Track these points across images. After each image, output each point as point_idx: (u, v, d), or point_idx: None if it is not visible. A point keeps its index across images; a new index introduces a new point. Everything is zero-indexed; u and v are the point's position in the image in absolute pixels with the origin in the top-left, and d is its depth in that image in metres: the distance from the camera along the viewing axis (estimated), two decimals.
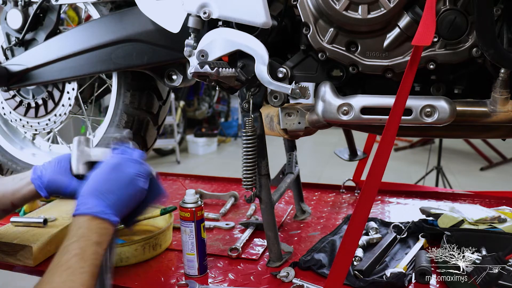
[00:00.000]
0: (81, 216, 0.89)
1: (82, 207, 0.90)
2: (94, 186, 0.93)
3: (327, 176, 4.93)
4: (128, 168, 0.97)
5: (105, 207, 0.91)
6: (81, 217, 0.89)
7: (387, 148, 0.94)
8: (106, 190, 0.93)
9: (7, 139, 1.67)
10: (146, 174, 0.99)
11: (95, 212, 0.89)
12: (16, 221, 1.38)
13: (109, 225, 0.90)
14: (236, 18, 1.09)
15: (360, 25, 1.03)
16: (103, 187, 0.93)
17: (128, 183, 0.95)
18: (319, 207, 1.71)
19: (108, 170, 0.96)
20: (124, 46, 1.33)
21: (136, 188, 0.97)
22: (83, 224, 0.88)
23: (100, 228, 0.89)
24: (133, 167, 0.97)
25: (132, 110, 1.45)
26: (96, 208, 0.90)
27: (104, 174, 0.95)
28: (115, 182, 0.94)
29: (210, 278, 1.19)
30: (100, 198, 0.91)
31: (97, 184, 0.93)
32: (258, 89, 1.18)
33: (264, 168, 1.21)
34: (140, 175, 0.97)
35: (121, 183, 0.95)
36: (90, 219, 0.89)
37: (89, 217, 0.89)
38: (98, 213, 0.89)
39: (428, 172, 4.14)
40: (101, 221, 0.89)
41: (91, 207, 0.90)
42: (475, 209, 1.45)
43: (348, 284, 1.11)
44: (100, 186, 0.93)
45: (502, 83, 1.02)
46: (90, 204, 0.90)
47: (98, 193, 0.92)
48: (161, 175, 2.13)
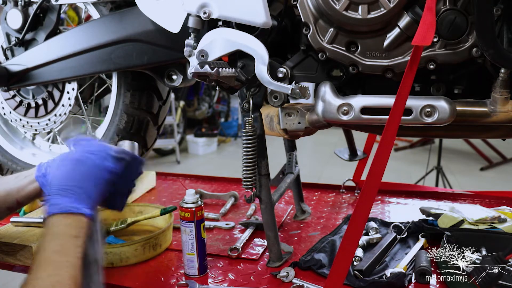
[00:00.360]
0: (53, 217, 0.89)
1: (52, 208, 0.90)
2: (58, 184, 0.93)
3: (327, 176, 4.93)
4: (88, 159, 0.96)
5: (74, 203, 0.90)
6: (53, 217, 0.89)
7: (387, 148, 0.94)
8: (72, 185, 0.92)
9: (7, 139, 1.67)
10: (107, 155, 0.99)
11: (66, 210, 0.89)
12: (16, 221, 1.38)
13: (83, 217, 0.90)
14: (236, 18, 1.09)
15: (360, 25, 1.03)
16: (68, 183, 0.92)
17: (91, 172, 0.95)
18: (319, 207, 1.71)
19: (69, 164, 0.95)
20: (124, 46, 1.33)
21: (103, 174, 0.96)
22: (58, 222, 0.88)
23: (75, 221, 0.89)
24: (93, 156, 0.97)
25: (132, 110, 1.45)
26: (66, 205, 0.90)
27: (66, 170, 0.94)
28: (78, 175, 0.94)
29: (210, 278, 1.19)
30: (67, 196, 0.91)
31: (61, 182, 0.93)
32: (258, 89, 1.18)
33: (264, 168, 1.21)
34: (103, 159, 0.97)
35: (84, 174, 0.94)
36: (64, 216, 0.89)
37: (61, 215, 0.89)
38: (70, 210, 0.89)
39: (428, 172, 4.14)
40: (74, 216, 0.89)
41: (62, 206, 0.90)
42: (475, 209, 1.45)
43: (348, 284, 1.11)
44: (65, 183, 0.92)
45: (502, 83, 1.02)
46: (59, 203, 0.90)
47: (64, 191, 0.91)
48: (161, 175, 2.14)
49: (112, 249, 1.24)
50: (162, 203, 1.76)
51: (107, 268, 1.23)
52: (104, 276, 0.96)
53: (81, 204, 0.91)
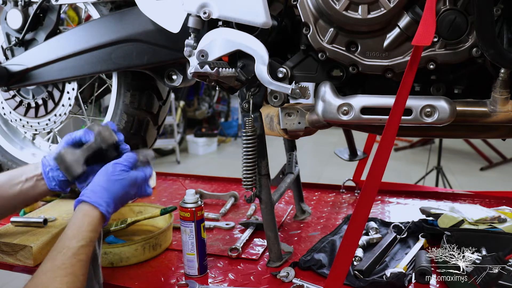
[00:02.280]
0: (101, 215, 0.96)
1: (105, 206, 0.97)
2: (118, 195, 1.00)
3: (327, 176, 4.93)
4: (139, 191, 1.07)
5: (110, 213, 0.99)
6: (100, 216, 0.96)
7: (387, 148, 0.94)
8: (120, 200, 1.01)
9: (7, 139, 1.67)
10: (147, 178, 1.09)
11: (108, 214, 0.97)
12: (16, 221, 1.38)
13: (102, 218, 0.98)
14: (236, 18, 1.09)
15: (360, 25, 1.03)
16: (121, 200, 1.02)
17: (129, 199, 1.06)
18: (319, 207, 1.71)
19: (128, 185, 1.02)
20: (124, 46, 1.33)
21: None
22: (99, 228, 0.95)
23: (98, 232, 0.97)
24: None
25: (132, 110, 1.44)
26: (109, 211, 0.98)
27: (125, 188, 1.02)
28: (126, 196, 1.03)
29: (210, 278, 1.19)
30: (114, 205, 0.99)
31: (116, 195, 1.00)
32: (258, 89, 1.18)
33: (264, 168, 1.21)
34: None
35: (128, 198, 1.05)
36: (100, 219, 0.95)
37: (100, 216, 0.96)
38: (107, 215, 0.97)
39: (428, 172, 4.14)
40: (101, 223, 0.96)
41: (110, 211, 0.98)
42: (475, 209, 1.45)
43: (348, 284, 1.11)
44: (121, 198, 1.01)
45: (502, 83, 1.02)
46: (111, 206, 0.98)
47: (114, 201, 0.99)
48: (161, 175, 2.14)
49: (112, 249, 1.24)
50: (162, 203, 1.76)
51: (107, 268, 1.23)
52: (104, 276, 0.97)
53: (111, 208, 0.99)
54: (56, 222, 1.40)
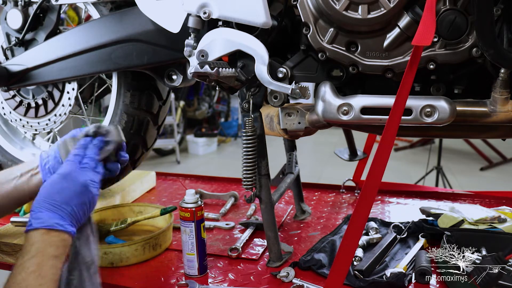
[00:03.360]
0: (35, 231, 0.87)
1: (35, 222, 0.87)
2: (46, 198, 0.90)
3: (327, 176, 4.93)
4: (80, 176, 0.95)
5: (59, 219, 0.89)
6: (35, 231, 0.87)
7: (387, 148, 0.94)
8: (59, 201, 0.90)
9: (7, 139, 1.67)
10: (96, 164, 0.98)
11: (49, 225, 0.87)
12: (16, 221, 1.38)
13: (66, 236, 0.88)
14: (236, 18, 1.09)
15: (360, 25, 1.03)
16: (55, 199, 0.90)
17: (80, 191, 0.93)
18: (319, 207, 1.71)
19: (59, 180, 0.93)
20: (124, 46, 1.33)
21: (90, 195, 0.95)
22: (38, 238, 0.86)
23: (56, 241, 0.87)
24: (84, 175, 0.95)
25: (132, 110, 1.45)
26: (51, 220, 0.88)
27: (56, 185, 0.92)
28: (67, 191, 0.92)
29: (210, 278, 1.19)
30: (53, 211, 0.89)
31: (49, 196, 0.91)
32: (258, 89, 1.18)
33: (264, 168, 1.21)
34: (93, 181, 0.96)
35: (73, 192, 0.92)
36: (45, 232, 0.87)
37: (43, 230, 0.87)
38: (53, 226, 0.87)
39: (428, 172, 4.14)
40: (57, 233, 0.87)
41: (45, 221, 0.87)
42: (475, 209, 1.45)
43: (348, 284, 1.11)
44: (52, 198, 0.90)
45: (502, 83, 1.02)
46: (43, 217, 0.88)
47: (51, 206, 0.89)
48: (161, 175, 2.14)
49: (112, 249, 1.24)
50: (162, 203, 1.76)
51: (107, 268, 1.23)
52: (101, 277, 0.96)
53: (66, 221, 0.89)
54: None
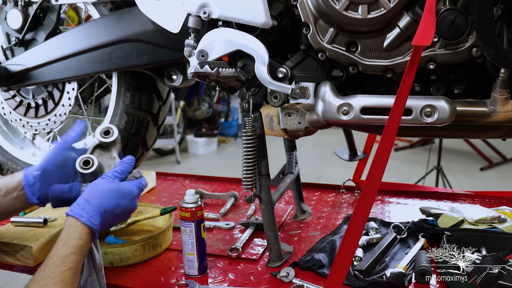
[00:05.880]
0: (83, 226, 0.94)
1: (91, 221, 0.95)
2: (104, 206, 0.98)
3: (327, 176, 4.93)
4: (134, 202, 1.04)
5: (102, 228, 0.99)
6: (83, 226, 0.94)
7: (387, 148, 0.94)
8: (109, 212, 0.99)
9: (7, 139, 1.67)
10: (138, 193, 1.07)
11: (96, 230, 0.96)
12: (16, 221, 1.38)
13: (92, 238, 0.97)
14: (236, 18, 1.09)
15: (360, 25, 1.03)
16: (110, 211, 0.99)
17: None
18: (319, 207, 1.71)
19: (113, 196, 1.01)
20: (124, 46, 1.33)
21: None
22: (84, 237, 0.94)
23: (88, 243, 0.96)
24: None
25: (132, 110, 1.44)
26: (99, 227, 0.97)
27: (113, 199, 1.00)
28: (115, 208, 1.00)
29: (210, 278, 1.19)
30: (105, 221, 0.98)
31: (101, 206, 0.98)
32: (258, 89, 1.18)
33: (264, 168, 1.21)
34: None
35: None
36: (88, 232, 0.95)
37: (88, 230, 0.95)
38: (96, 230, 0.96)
39: (428, 172, 4.14)
40: (92, 238, 0.97)
41: (97, 226, 0.96)
42: (475, 209, 1.45)
43: (348, 284, 1.11)
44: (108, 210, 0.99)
45: (502, 83, 1.02)
46: (97, 222, 0.96)
47: (100, 212, 0.97)
48: (161, 175, 2.14)
49: (112, 249, 1.24)
50: (162, 203, 1.76)
51: (107, 268, 1.23)
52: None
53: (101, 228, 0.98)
54: (56, 222, 1.40)
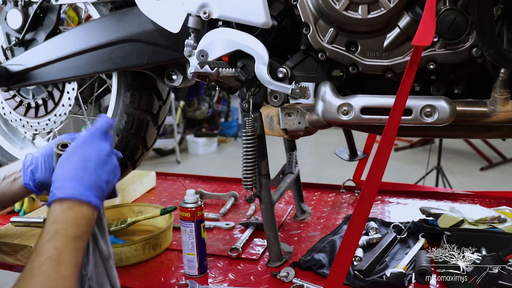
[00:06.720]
0: (57, 205, 0.77)
1: (57, 192, 0.78)
2: (67, 168, 0.81)
3: (327, 176, 4.93)
4: (103, 144, 0.86)
5: (84, 189, 0.79)
6: (57, 205, 0.77)
7: (387, 148, 0.94)
8: (82, 170, 0.81)
9: (7, 139, 1.67)
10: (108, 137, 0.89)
11: (72, 195, 0.77)
12: (16, 221, 1.39)
13: (90, 210, 0.79)
14: (236, 18, 1.09)
15: (360, 25, 1.03)
16: (78, 167, 0.81)
17: (104, 159, 0.84)
18: (319, 207, 1.71)
19: (80, 148, 0.84)
20: (124, 46, 1.33)
21: (113, 164, 0.86)
22: (58, 218, 0.76)
23: (79, 218, 0.77)
24: (106, 141, 0.86)
25: (132, 110, 1.44)
26: (74, 190, 0.78)
27: (76, 154, 0.83)
28: (90, 160, 0.83)
29: (210, 278, 1.19)
30: (77, 180, 0.79)
31: (71, 165, 0.81)
32: (258, 89, 1.18)
33: (264, 168, 1.21)
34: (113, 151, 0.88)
35: (98, 159, 0.83)
36: (66, 208, 0.77)
37: (66, 205, 0.77)
38: (77, 196, 0.77)
39: (428, 172, 4.14)
40: (79, 209, 0.78)
41: (67, 190, 0.78)
42: (475, 209, 1.45)
43: (348, 284, 1.11)
44: (75, 167, 0.81)
45: (502, 83, 1.02)
46: (66, 187, 0.78)
47: (74, 175, 0.80)
48: (161, 175, 2.14)
49: (112, 249, 1.23)
50: (162, 203, 1.76)
51: None
52: None
53: (91, 192, 0.80)
54: None
